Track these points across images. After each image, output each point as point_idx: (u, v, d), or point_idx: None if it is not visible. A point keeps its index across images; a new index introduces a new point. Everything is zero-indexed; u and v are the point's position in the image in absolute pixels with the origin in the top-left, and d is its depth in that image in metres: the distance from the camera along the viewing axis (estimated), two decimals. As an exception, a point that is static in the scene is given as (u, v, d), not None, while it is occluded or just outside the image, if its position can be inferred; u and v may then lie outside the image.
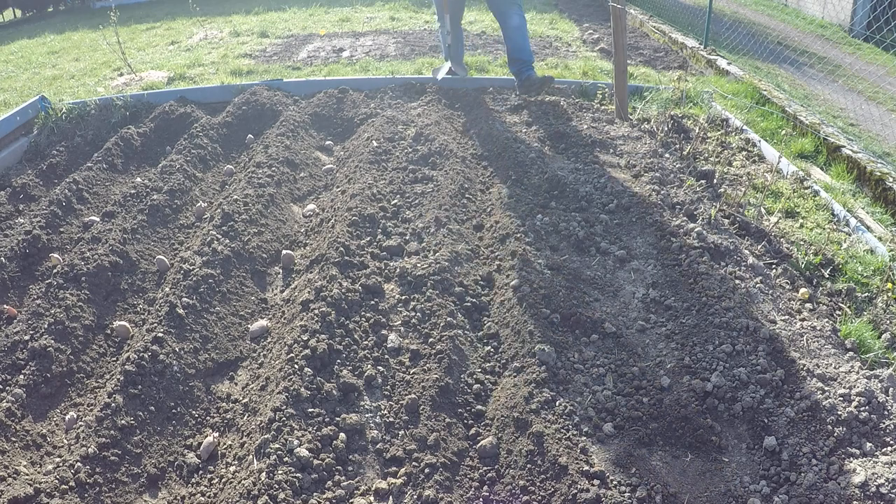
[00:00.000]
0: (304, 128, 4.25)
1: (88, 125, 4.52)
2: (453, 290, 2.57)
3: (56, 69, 6.95)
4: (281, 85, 5.00)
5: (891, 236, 3.11)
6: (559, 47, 6.77)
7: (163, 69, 6.33)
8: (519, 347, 2.27)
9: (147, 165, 4.05)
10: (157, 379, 2.17)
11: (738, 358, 2.22)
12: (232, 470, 1.92)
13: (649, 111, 4.39)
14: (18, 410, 2.10)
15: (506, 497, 1.79)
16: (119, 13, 6.46)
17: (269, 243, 3.08)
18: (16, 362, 2.29)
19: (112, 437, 1.94)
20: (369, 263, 2.76)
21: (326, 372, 2.18)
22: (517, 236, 2.88)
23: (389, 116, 4.28)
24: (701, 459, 1.93)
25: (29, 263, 3.00)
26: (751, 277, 2.67)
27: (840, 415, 1.97)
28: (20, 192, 3.67)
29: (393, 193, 3.35)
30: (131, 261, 2.89)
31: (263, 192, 3.32)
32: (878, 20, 6.90)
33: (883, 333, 2.43)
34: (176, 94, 4.93)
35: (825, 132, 4.14)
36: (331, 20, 8.62)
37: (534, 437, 1.87)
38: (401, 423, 2.03)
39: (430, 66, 5.91)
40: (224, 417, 2.17)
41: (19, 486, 1.82)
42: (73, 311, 2.50)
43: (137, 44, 7.86)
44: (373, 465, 1.92)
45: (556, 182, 3.43)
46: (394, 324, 2.47)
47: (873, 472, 1.79)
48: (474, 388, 2.16)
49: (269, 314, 2.68)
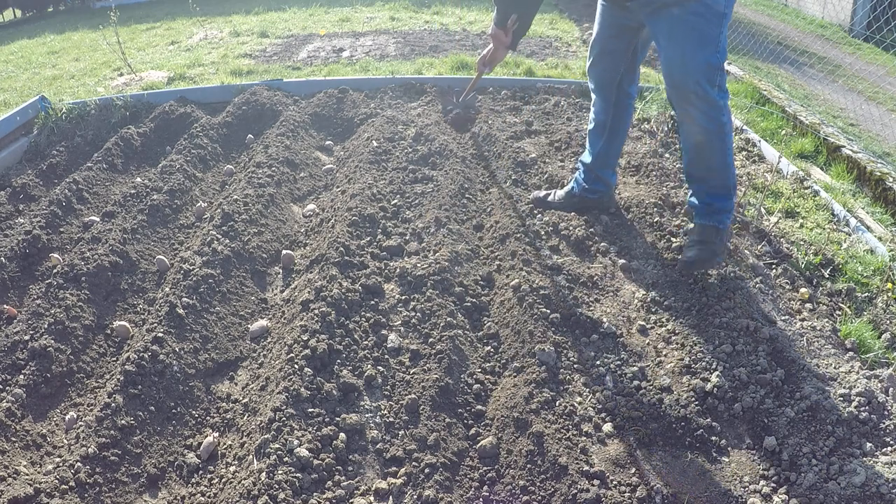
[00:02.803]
0: (304, 128, 4.25)
1: (88, 125, 4.52)
2: (453, 290, 2.57)
3: (56, 69, 6.94)
4: (281, 85, 5.00)
5: (891, 236, 3.11)
6: (559, 47, 6.78)
7: (163, 69, 6.33)
8: (519, 347, 2.27)
9: (147, 165, 4.05)
10: (157, 379, 2.17)
11: (738, 358, 2.22)
12: (232, 470, 1.92)
13: (649, 111, 4.39)
14: (18, 410, 2.10)
15: (506, 497, 1.79)
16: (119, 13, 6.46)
17: (269, 243, 3.08)
18: (16, 362, 2.29)
19: (112, 437, 1.94)
20: (369, 263, 2.76)
21: (326, 372, 2.18)
22: (517, 236, 2.88)
23: (389, 116, 4.28)
24: (701, 459, 1.93)
25: (29, 263, 2.99)
26: (751, 277, 2.67)
27: (840, 415, 1.96)
28: (20, 192, 3.67)
29: (393, 193, 3.35)
30: (131, 261, 2.89)
31: (263, 192, 3.32)
32: (878, 20, 6.90)
33: (883, 333, 2.43)
34: (176, 94, 4.93)
35: (825, 132, 4.14)
36: (331, 20, 8.62)
37: (534, 437, 1.87)
38: (401, 423, 2.03)
39: (430, 65, 5.91)
40: (224, 417, 2.17)
41: (19, 486, 1.82)
42: (73, 311, 2.50)
43: (137, 44, 7.86)
44: (373, 465, 1.92)
45: (555, 182, 3.43)
46: (394, 324, 2.47)
47: (873, 472, 1.79)
48: (474, 388, 2.16)
49: (269, 314, 2.68)
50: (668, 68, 2.43)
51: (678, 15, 2.31)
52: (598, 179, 3.03)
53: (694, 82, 2.35)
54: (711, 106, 2.39)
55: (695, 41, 2.33)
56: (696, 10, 2.29)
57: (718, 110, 2.41)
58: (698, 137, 2.49)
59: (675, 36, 2.36)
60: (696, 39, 2.32)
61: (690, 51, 2.34)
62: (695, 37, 2.32)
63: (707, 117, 2.41)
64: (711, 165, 2.54)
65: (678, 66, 2.39)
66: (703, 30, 2.31)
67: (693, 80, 2.35)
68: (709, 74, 2.35)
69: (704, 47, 2.33)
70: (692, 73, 2.35)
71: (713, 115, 2.40)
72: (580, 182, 3.08)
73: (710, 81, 2.36)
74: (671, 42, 2.38)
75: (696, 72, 2.35)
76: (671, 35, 2.37)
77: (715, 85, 2.37)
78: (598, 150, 2.98)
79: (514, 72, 5.68)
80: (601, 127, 2.95)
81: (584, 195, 3.08)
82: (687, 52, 2.35)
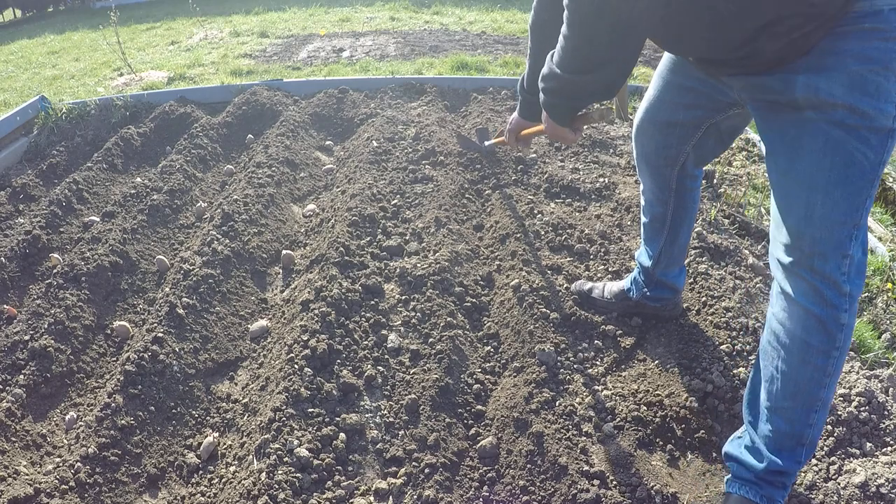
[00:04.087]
0: (304, 128, 4.25)
1: (88, 125, 4.52)
2: (453, 290, 2.57)
3: (56, 69, 6.95)
4: (281, 85, 5.00)
5: (891, 236, 3.11)
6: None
7: (163, 69, 6.34)
8: (519, 347, 2.27)
9: (147, 165, 4.06)
10: (157, 379, 2.17)
11: (737, 358, 2.22)
12: (232, 470, 1.92)
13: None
14: (18, 410, 2.10)
15: (506, 497, 1.79)
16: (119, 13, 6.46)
17: (269, 243, 3.08)
18: (16, 362, 2.29)
19: (112, 437, 1.94)
20: (369, 263, 2.76)
21: (326, 372, 2.18)
22: (517, 236, 2.88)
23: (389, 116, 4.28)
24: (701, 459, 1.93)
25: (29, 263, 3.00)
26: (751, 277, 2.67)
27: (840, 415, 1.97)
28: (20, 192, 3.67)
29: (393, 193, 3.35)
30: (131, 261, 2.89)
31: (263, 192, 3.32)
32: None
33: (883, 333, 2.43)
34: (176, 94, 4.93)
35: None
36: (331, 20, 8.62)
37: (534, 437, 1.87)
38: (401, 423, 2.03)
39: (430, 65, 5.91)
40: (224, 417, 2.17)
41: (19, 486, 1.82)
42: (73, 311, 2.50)
43: (137, 44, 7.86)
44: (373, 465, 1.92)
45: (555, 182, 3.43)
46: (394, 324, 2.47)
47: (873, 472, 1.79)
48: (474, 388, 2.16)
49: (269, 314, 2.68)
50: (782, 207, 1.46)
51: (815, 124, 1.36)
52: (663, 285, 2.31)
53: (818, 252, 1.40)
54: (835, 291, 1.42)
55: (837, 175, 1.36)
56: (848, 120, 1.33)
57: (838, 304, 1.42)
58: (790, 333, 1.49)
59: (801, 157, 1.39)
60: (839, 172, 1.36)
61: (824, 189, 1.37)
62: (838, 166, 1.35)
63: (820, 304, 1.43)
64: (794, 391, 1.51)
65: (798, 210, 1.41)
66: (853, 156, 1.34)
67: (818, 244, 1.40)
68: (845, 240, 1.39)
69: (850, 188, 1.36)
70: (819, 230, 1.39)
71: (830, 314, 1.43)
72: (640, 286, 2.35)
73: (843, 251, 1.39)
74: (792, 165, 1.42)
75: (825, 230, 1.39)
76: (795, 153, 1.40)
77: (848, 255, 1.40)
78: (658, 251, 2.21)
79: (514, 72, 5.68)
80: (659, 222, 2.15)
81: (644, 301, 2.37)
82: (817, 189, 1.38)
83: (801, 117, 1.39)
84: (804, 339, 1.46)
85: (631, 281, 2.39)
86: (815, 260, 1.41)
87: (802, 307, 1.45)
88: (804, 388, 1.49)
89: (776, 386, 1.52)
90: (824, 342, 1.45)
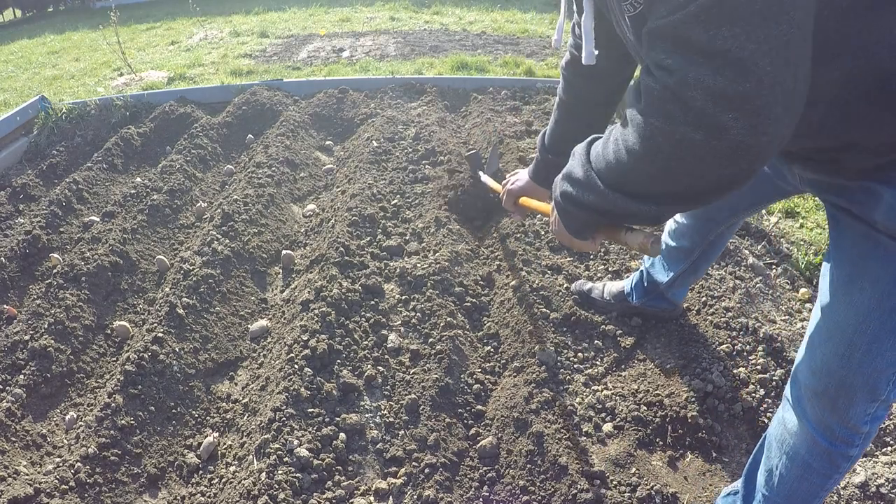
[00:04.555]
0: (304, 128, 4.25)
1: (88, 125, 4.52)
2: (453, 290, 2.57)
3: (56, 69, 6.95)
4: (281, 85, 5.00)
5: (891, 236, 3.11)
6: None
7: (163, 69, 6.34)
8: (519, 347, 2.27)
9: (147, 165, 4.06)
10: (157, 379, 2.17)
11: (737, 358, 2.22)
12: (232, 470, 1.92)
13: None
14: (18, 410, 2.10)
15: (506, 497, 1.79)
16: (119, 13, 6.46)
17: (269, 243, 3.08)
18: (16, 362, 2.29)
19: (112, 437, 1.94)
20: (369, 263, 2.76)
21: (326, 372, 2.18)
22: (517, 236, 2.88)
23: (389, 116, 4.28)
24: (701, 459, 1.93)
25: (29, 263, 3.00)
26: (751, 277, 2.67)
27: (840, 415, 1.97)
28: (20, 192, 3.67)
29: (393, 193, 3.35)
30: (131, 261, 2.89)
31: (263, 192, 3.32)
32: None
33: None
34: (176, 94, 4.93)
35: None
36: (331, 20, 8.62)
37: (534, 437, 1.87)
38: (401, 423, 2.03)
39: (430, 65, 5.91)
40: (224, 417, 2.17)
41: (19, 486, 1.82)
42: (73, 311, 2.50)
43: (137, 44, 7.87)
44: (373, 465, 1.92)
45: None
46: (394, 324, 2.47)
47: (873, 472, 1.79)
48: (474, 388, 2.16)
49: (269, 314, 2.68)
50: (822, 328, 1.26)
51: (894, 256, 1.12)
52: (665, 299, 2.31)
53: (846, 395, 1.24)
54: (851, 432, 1.29)
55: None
56: None
57: (851, 441, 1.30)
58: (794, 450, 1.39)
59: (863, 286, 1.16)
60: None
61: (874, 334, 1.17)
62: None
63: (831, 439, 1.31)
64: (789, 494, 1.45)
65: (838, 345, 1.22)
66: None
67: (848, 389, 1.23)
68: (881, 386, 1.22)
69: None
70: (855, 376, 1.21)
71: (840, 449, 1.31)
72: (641, 293, 2.33)
73: (875, 396, 1.23)
74: (850, 288, 1.19)
75: (861, 376, 1.21)
76: (858, 275, 1.18)
77: (879, 399, 1.24)
78: (676, 275, 2.16)
79: (514, 72, 5.68)
80: (685, 254, 2.07)
81: (644, 306, 2.37)
82: (866, 331, 1.17)
83: (877, 239, 1.13)
84: (807, 461, 1.36)
85: (632, 286, 2.36)
86: (839, 401, 1.24)
87: (811, 435, 1.32)
88: (800, 495, 1.43)
89: (773, 481, 1.45)
90: (826, 468, 1.35)
